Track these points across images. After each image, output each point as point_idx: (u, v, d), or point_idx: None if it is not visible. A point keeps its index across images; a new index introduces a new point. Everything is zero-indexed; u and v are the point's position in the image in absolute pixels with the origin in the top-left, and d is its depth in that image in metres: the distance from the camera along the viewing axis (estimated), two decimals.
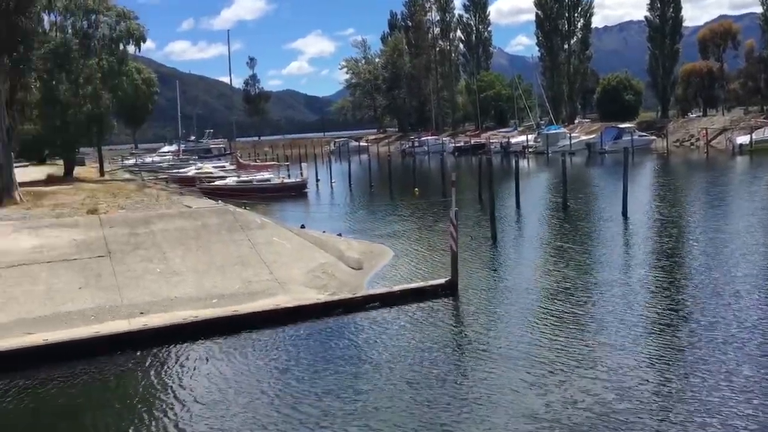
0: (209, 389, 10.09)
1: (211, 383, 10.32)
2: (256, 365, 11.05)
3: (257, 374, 10.64)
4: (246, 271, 15.24)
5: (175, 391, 10.14)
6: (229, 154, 65.90)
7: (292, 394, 9.70)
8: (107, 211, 18.84)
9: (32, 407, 9.83)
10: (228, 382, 10.32)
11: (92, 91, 32.80)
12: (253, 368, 10.91)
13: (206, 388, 10.15)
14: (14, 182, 21.79)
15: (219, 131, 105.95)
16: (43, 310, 12.83)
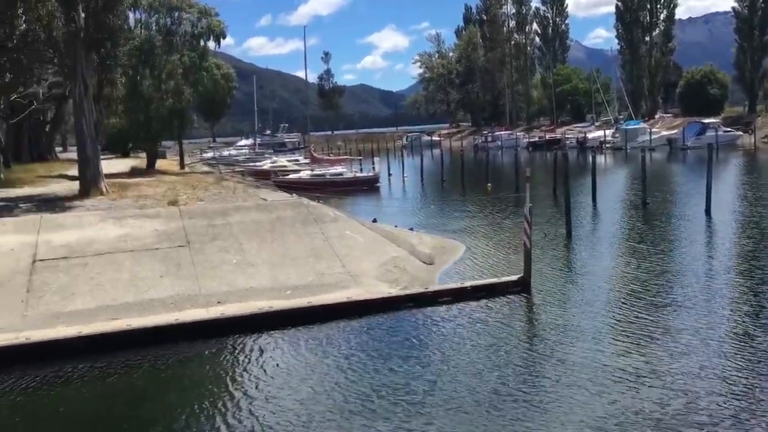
0: (281, 378, 10.29)
1: (283, 372, 10.52)
2: (328, 356, 11.19)
3: (329, 365, 10.78)
4: (319, 264, 15.46)
5: (249, 379, 10.39)
6: (303, 147, 66.94)
7: (362, 386, 9.78)
8: (187, 203, 19.46)
9: (118, 389, 10.27)
10: (300, 372, 10.50)
11: (174, 87, 33.92)
12: (325, 359, 11.06)
13: (278, 376, 10.36)
14: (101, 174, 22.75)
15: (294, 125, 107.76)
16: (127, 297, 13.37)
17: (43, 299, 13.12)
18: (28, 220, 17.17)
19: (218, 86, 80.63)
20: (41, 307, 12.85)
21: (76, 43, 21.22)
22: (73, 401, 9.91)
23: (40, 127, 53.09)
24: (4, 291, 13.33)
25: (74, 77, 21.57)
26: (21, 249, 15.05)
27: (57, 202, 20.81)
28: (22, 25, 28.32)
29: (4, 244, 15.26)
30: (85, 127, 21.79)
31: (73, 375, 10.72)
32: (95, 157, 22.39)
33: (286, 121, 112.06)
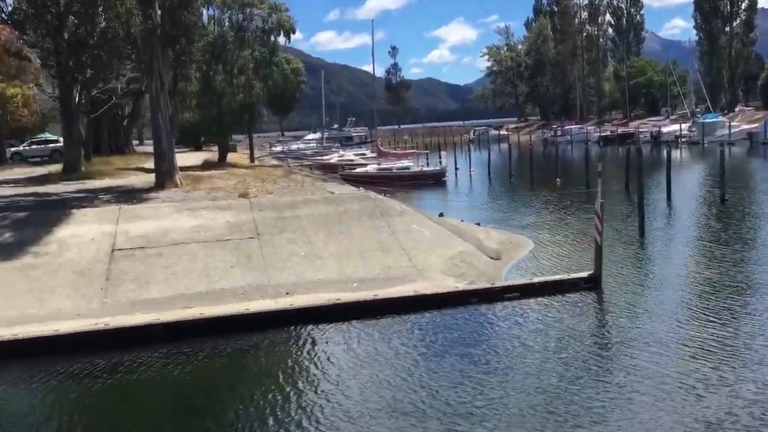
0: (348, 369, 10.39)
1: (349, 364, 10.62)
2: (394, 350, 11.23)
3: (395, 358, 10.81)
4: (386, 257, 15.52)
5: (316, 369, 10.53)
6: (369, 141, 67.27)
7: (427, 381, 9.77)
8: (257, 195, 19.85)
9: (191, 376, 10.58)
10: (366, 365, 10.57)
11: (245, 81, 34.63)
12: (391, 352, 11.10)
13: (344, 368, 10.46)
14: (175, 167, 23.44)
15: (360, 119, 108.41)
16: (200, 286, 13.76)
17: (121, 287, 13.64)
18: (107, 210, 17.86)
19: (287, 81, 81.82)
20: (119, 295, 13.36)
21: (153, 39, 21.89)
22: (148, 386, 10.28)
23: (118, 121, 55.12)
24: (85, 279, 13.92)
25: (151, 73, 22.26)
26: (101, 238, 15.69)
27: (134, 193, 21.55)
28: (102, 23, 29.47)
29: (85, 234, 15.93)
30: (161, 121, 22.48)
31: (149, 361, 11.09)
32: (170, 150, 23.07)
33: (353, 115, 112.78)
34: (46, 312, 12.63)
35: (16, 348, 11.32)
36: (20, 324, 12.05)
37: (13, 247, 15.19)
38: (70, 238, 15.67)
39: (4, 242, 15.49)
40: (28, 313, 12.58)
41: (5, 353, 11.24)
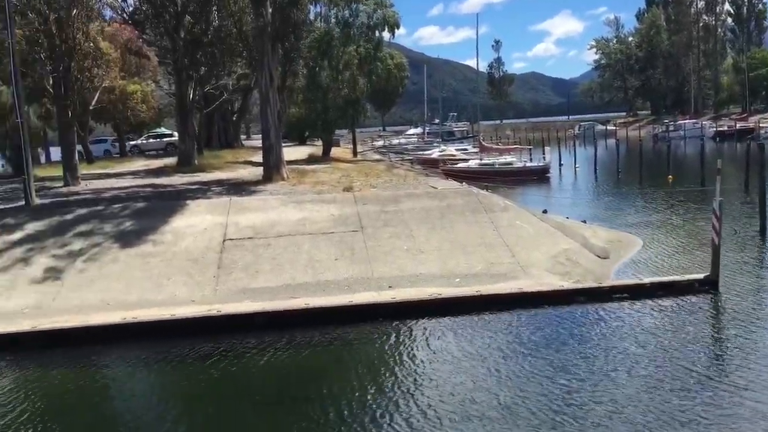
0: (447, 365, 10.34)
1: (448, 360, 10.57)
2: (494, 347, 11.08)
3: (495, 356, 10.67)
4: (488, 253, 15.34)
5: (415, 363, 10.55)
6: (471, 137, 66.74)
7: (527, 382, 9.57)
8: (360, 189, 20.10)
9: (294, 364, 10.87)
10: (465, 361, 10.48)
11: (350, 77, 35.14)
12: (492, 350, 10.96)
13: (444, 363, 10.42)
14: (282, 161, 24.12)
15: (462, 114, 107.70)
16: (305, 277, 14.10)
17: (232, 275, 14.17)
18: (219, 202, 18.61)
19: (390, 76, 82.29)
20: (230, 283, 13.89)
21: (264, 37, 22.58)
22: (254, 371, 10.62)
23: (228, 116, 57.28)
24: (198, 267, 14.56)
25: (261, 69, 22.98)
26: (213, 228, 16.36)
27: (243, 186, 22.34)
28: (216, 22, 30.71)
29: (198, 224, 16.67)
30: (270, 116, 23.17)
31: (256, 347, 11.46)
32: (278, 144, 23.75)
33: (455, 110, 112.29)
34: (163, 297, 13.31)
35: (135, 330, 11.98)
36: (139, 308, 12.75)
37: (133, 236, 16.10)
38: (185, 228, 16.44)
39: (125, 230, 16.44)
40: (146, 297, 13.31)
41: (126, 335, 11.93)
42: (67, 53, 23.52)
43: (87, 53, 24.26)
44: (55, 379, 10.61)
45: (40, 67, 24.21)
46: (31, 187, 19.92)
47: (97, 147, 53.83)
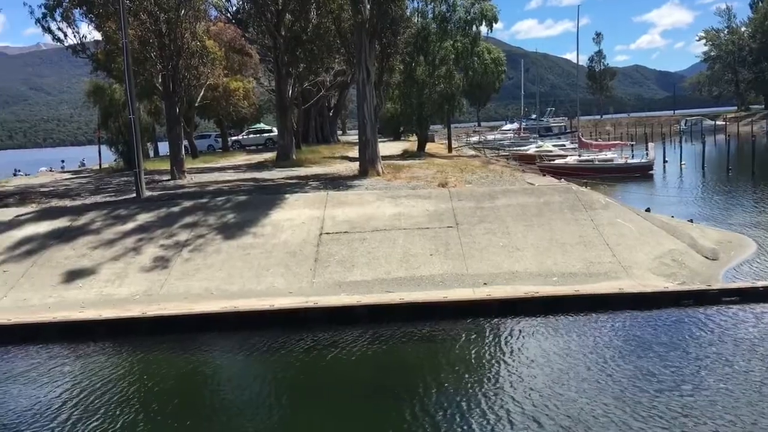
0: (543, 365, 10.09)
1: (546, 359, 10.32)
2: (594, 349, 10.74)
3: (593, 358, 10.32)
4: (588, 252, 14.90)
5: (509, 362, 10.36)
6: (569, 132, 65.10)
7: (626, 387, 9.19)
8: (455, 185, 19.98)
9: (389, 358, 10.92)
10: (561, 362, 10.21)
11: (446, 72, 35.01)
12: (590, 352, 10.61)
13: (541, 362, 10.17)
14: (378, 156, 24.30)
15: (560, 109, 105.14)
16: (400, 272, 14.15)
17: (328, 269, 14.42)
18: (316, 196, 18.97)
19: (487, 71, 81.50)
20: (326, 276, 14.14)
21: (362, 33, 22.80)
22: (349, 364, 10.74)
23: (325, 112, 58.34)
24: (296, 259, 14.90)
25: (359, 65, 23.23)
26: (310, 222, 16.70)
27: (340, 180, 22.67)
28: (315, 19, 31.26)
29: (296, 217, 17.06)
30: (366, 112, 23.40)
31: (350, 340, 11.60)
32: (374, 139, 23.95)
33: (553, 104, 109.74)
34: (262, 288, 13.71)
35: (236, 319, 12.39)
36: (240, 297, 13.18)
37: (235, 228, 16.67)
38: (283, 221, 16.86)
39: (228, 223, 17.04)
40: (247, 288, 13.74)
41: (228, 323, 12.36)
42: (176, 52, 24.62)
43: (194, 52, 25.30)
44: (162, 362, 11.12)
45: (150, 65, 25.41)
46: (141, 180, 20.97)
47: (201, 142, 56.12)
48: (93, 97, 38.58)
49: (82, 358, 11.41)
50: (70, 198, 21.99)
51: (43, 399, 9.65)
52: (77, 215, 18.31)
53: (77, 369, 10.94)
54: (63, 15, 34.08)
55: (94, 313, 12.71)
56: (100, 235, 16.74)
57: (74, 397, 9.65)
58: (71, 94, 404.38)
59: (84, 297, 13.65)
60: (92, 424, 8.68)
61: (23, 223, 17.94)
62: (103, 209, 18.88)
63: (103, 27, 29.58)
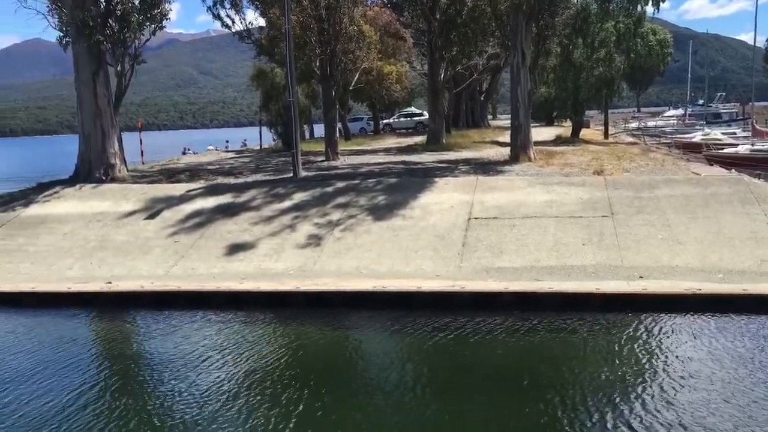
0: (704, 366, 9.43)
1: (709, 360, 9.64)
2: (758, 355, 9.89)
3: (756, 366, 9.52)
4: (760, 249, 13.71)
5: (666, 360, 9.78)
6: (741, 119, 60.09)
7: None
8: (612, 173, 19.12)
9: (535, 347, 10.69)
10: (729, 364, 9.49)
11: (605, 54, 33.47)
12: (755, 358, 9.79)
13: (701, 364, 9.52)
14: (530, 141, 23.76)
15: (731, 94, 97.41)
16: (549, 261, 13.79)
17: (476, 254, 14.33)
18: (465, 181, 18.91)
19: (652, 53, 77.05)
20: (473, 261, 14.06)
21: (518, 15, 22.30)
22: (492, 350, 10.64)
23: (476, 96, 57.88)
24: (444, 243, 14.94)
25: (514, 48, 22.76)
26: (459, 206, 16.68)
27: (489, 165, 22.44)
28: (470, 2, 30.99)
29: (445, 201, 17.10)
30: (520, 96, 22.92)
31: (496, 327, 11.46)
32: (527, 124, 23.43)
33: (723, 89, 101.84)
34: (410, 270, 13.89)
35: (385, 298, 12.65)
36: (389, 278, 13.43)
37: (385, 209, 17.00)
38: (432, 205, 16.97)
39: (378, 204, 17.41)
40: (395, 268, 13.98)
41: (377, 302, 12.65)
42: (334, 37, 25.38)
43: (351, 36, 25.98)
44: (312, 335, 11.59)
45: (309, 50, 26.37)
46: (298, 160, 21.93)
47: (354, 125, 57.68)
48: (256, 81, 40.64)
49: (242, 325, 12.15)
50: (233, 176, 23.44)
51: (200, 358, 10.38)
52: (240, 192, 19.48)
53: (236, 334, 11.66)
54: (232, 2, 36.20)
55: (252, 284, 13.48)
56: (259, 211, 17.71)
57: (230, 358, 10.31)
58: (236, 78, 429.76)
59: (244, 269, 14.51)
60: (243, 380, 9.24)
61: (193, 197, 19.37)
62: (262, 187, 19.95)
63: (268, 13, 31.09)
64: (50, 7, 23.15)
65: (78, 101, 23.20)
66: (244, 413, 8.51)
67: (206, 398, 8.97)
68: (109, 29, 22.73)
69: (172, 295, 13.44)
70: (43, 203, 20.10)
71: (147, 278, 14.35)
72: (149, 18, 23.34)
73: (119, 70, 23.55)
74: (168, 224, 17.47)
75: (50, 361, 10.72)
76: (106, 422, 8.41)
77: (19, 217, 19.02)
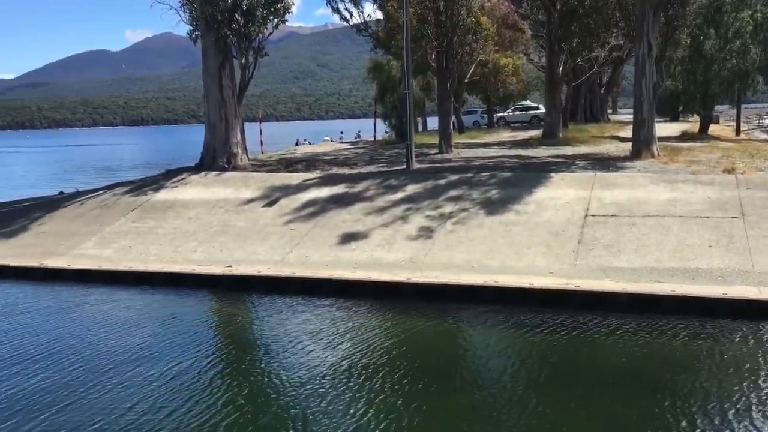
0: None
1: None
2: None
3: None
4: None
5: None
6: None
7: None
8: (744, 172, 17.93)
9: (652, 351, 10.21)
10: None
11: (740, 46, 31.42)
12: None
13: None
14: (654, 137, 22.66)
15: None
16: (672, 262, 13.11)
17: (592, 252, 13.86)
18: (582, 176, 18.31)
19: None
20: (589, 259, 13.60)
21: (645, 4, 21.29)
22: (610, 353, 10.25)
23: (595, 89, 55.93)
24: (558, 240, 14.55)
25: (639, 39, 21.76)
26: (575, 203, 16.19)
27: (608, 161, 21.61)
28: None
29: (560, 197, 16.65)
30: (644, 89, 21.89)
31: (613, 329, 11.04)
32: (650, 119, 22.37)
33: None
34: (522, 265, 13.62)
35: (495, 294, 12.49)
36: (500, 273, 13.23)
37: (498, 204, 16.76)
38: (547, 200, 16.57)
39: (491, 198, 17.20)
40: (507, 264, 13.75)
41: (486, 297, 12.51)
42: (451, 29, 25.24)
43: (468, 28, 25.75)
44: (421, 326, 11.62)
45: (426, 42, 26.36)
46: (412, 152, 22.01)
47: (467, 118, 57.26)
48: (372, 73, 41.18)
49: (352, 314, 12.36)
50: (348, 166, 23.86)
51: (312, 343, 10.65)
52: (354, 183, 19.80)
53: (346, 322, 11.88)
54: None
55: (364, 274, 13.68)
56: (372, 202, 17.93)
57: (341, 345, 10.51)
58: (351, 71, 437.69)
59: (356, 258, 14.74)
60: (351, 368, 9.39)
61: (309, 187, 19.89)
62: (376, 178, 20.18)
63: (386, 6, 31.31)
64: (182, 3, 24.43)
65: (205, 92, 24.36)
66: (352, 400, 8.65)
67: (317, 383, 9.20)
68: (235, 23, 23.69)
69: (286, 280, 13.88)
70: (171, 189, 21.28)
71: (264, 263, 14.89)
72: (273, 12, 24.11)
73: (243, 62, 24.51)
74: (284, 212, 18.03)
75: (177, 336, 11.37)
76: (225, 394, 8.82)
77: (150, 201, 20.23)
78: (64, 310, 13.30)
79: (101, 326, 12.09)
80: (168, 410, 8.49)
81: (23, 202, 23.93)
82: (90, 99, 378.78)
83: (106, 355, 10.54)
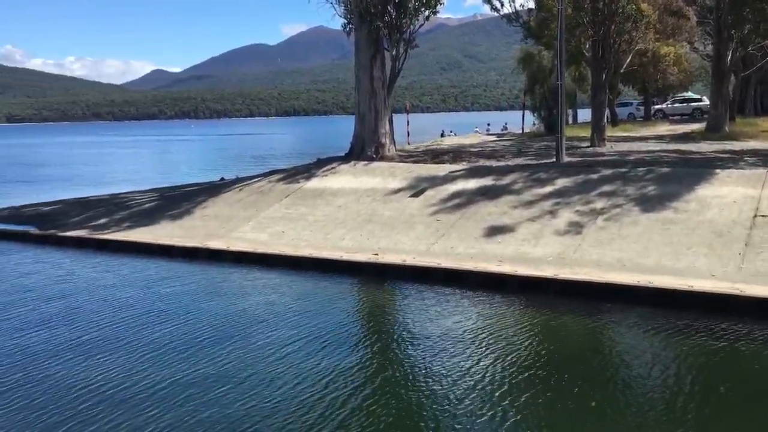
0: None
1: None
2: None
3: None
4: None
5: None
6: None
7: None
8: None
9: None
10: None
11: None
12: None
13: None
14: None
15: None
16: None
17: (761, 255, 12.79)
18: (751, 174, 16.95)
19: None
20: (758, 263, 12.56)
21: None
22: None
23: (767, 80, 51.53)
24: (722, 241, 13.56)
25: None
26: (743, 201, 15.02)
27: None
28: None
29: (726, 195, 15.51)
30: None
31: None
32: None
33: None
34: (680, 267, 12.83)
35: (648, 294, 11.86)
36: (654, 273, 12.55)
37: (655, 200, 15.89)
38: (710, 198, 15.49)
39: (647, 194, 16.33)
40: (662, 264, 13.01)
41: (638, 298, 11.91)
42: (609, 16, 24.17)
43: (628, 16, 24.55)
44: (566, 324, 11.27)
45: (581, 31, 25.45)
46: (562, 145, 21.38)
47: (621, 110, 54.85)
48: (521, 64, 40.37)
49: (496, 307, 12.22)
50: (495, 159, 23.61)
51: (455, 335, 10.63)
52: (501, 175, 19.54)
53: (490, 315, 11.77)
54: None
55: (509, 267, 13.48)
56: (519, 195, 17.60)
57: (485, 338, 10.42)
58: (499, 62, 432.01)
59: (501, 252, 14.55)
60: (495, 362, 9.28)
61: (455, 178, 19.87)
62: (523, 171, 19.79)
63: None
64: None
65: (356, 83, 24.99)
66: (494, 394, 8.56)
67: (461, 374, 9.19)
68: (388, 16, 24.07)
69: (430, 270, 13.97)
70: (321, 177, 22.06)
71: (409, 253, 15.07)
72: (424, 4, 24.25)
73: (394, 54, 24.87)
74: (430, 203, 18.14)
75: (330, 322, 11.80)
76: (369, 384, 9.05)
77: (302, 188, 21.09)
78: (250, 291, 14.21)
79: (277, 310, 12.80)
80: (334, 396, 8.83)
81: (189, 186, 25.83)
82: (247, 91, 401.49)
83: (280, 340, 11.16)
